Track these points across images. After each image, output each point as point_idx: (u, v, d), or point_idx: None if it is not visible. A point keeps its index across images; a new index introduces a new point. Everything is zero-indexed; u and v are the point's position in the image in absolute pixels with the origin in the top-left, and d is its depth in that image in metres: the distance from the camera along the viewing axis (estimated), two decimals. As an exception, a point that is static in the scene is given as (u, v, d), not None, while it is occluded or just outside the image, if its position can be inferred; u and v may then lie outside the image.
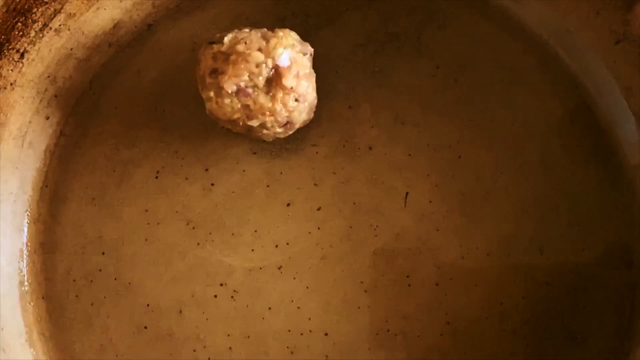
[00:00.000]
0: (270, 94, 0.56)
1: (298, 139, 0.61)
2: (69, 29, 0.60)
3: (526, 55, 0.62)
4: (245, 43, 0.56)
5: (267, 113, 0.56)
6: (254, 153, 0.61)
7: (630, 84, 0.58)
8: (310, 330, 0.60)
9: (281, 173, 0.61)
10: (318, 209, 0.61)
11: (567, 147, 0.60)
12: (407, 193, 0.61)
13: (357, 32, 0.62)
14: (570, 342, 0.59)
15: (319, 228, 0.61)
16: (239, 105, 0.56)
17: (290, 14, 0.62)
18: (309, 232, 0.61)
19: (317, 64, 0.60)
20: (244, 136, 0.60)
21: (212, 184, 0.61)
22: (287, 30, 0.57)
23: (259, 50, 0.56)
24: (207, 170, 0.62)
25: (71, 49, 0.61)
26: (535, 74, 0.61)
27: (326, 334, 0.60)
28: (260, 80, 0.55)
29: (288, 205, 0.61)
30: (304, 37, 0.59)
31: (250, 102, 0.56)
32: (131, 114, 0.62)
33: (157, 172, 0.62)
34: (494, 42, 0.61)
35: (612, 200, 0.60)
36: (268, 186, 0.61)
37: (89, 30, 0.61)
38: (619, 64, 0.58)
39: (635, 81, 0.57)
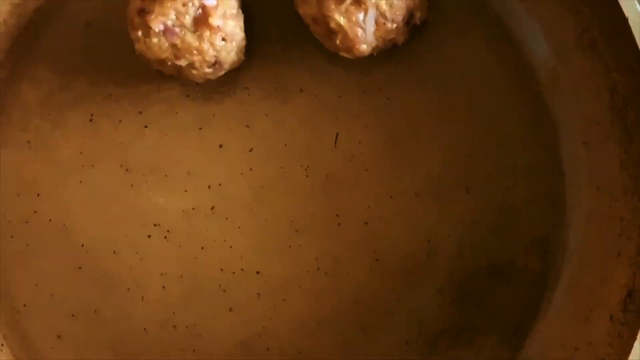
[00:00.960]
0: (197, 33, 0.56)
1: (230, 81, 0.62)
2: (2, -28, 0.60)
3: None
4: (172, -18, 0.57)
5: (195, 52, 0.57)
6: (187, 96, 0.62)
7: (553, 22, 0.59)
8: (242, 269, 0.61)
9: (214, 115, 0.62)
10: (250, 151, 0.62)
11: (494, 88, 0.61)
12: (337, 134, 0.62)
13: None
14: (495, 278, 0.60)
15: (251, 169, 0.62)
16: (167, 45, 0.57)
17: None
18: (241, 173, 0.62)
19: (250, 6, 0.60)
20: (176, 79, 0.60)
21: (146, 127, 0.62)
22: (214, -29, 0.58)
23: (186, -11, 0.56)
24: (140, 112, 0.62)
25: (5, -7, 0.61)
26: (462, 16, 0.62)
27: (258, 273, 0.61)
28: (188, 19, 0.56)
29: (220, 147, 0.62)
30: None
31: (177, 41, 0.56)
32: (65, 58, 0.63)
33: (92, 115, 0.62)
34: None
35: (538, 141, 0.61)
36: (201, 128, 0.62)
37: (22, -27, 0.61)
38: (542, 3, 0.59)
39: (557, 19, 0.58)
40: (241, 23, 0.58)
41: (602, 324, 0.55)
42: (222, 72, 0.60)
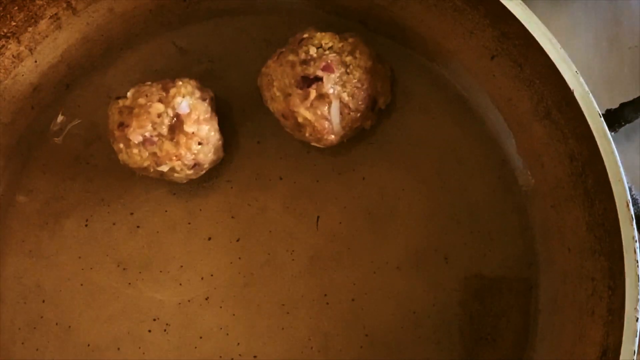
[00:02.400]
0: (174, 140, 0.60)
1: (213, 176, 0.65)
2: (-10, 97, 0.64)
3: (418, 79, 0.66)
4: (147, 96, 0.60)
5: (174, 158, 0.60)
6: (174, 194, 0.66)
7: (509, 94, 0.61)
8: (239, 355, 0.64)
9: (200, 210, 0.65)
10: (237, 240, 0.65)
11: (461, 159, 0.64)
12: (318, 217, 0.65)
13: (258, 66, 0.65)
14: (480, 343, 0.63)
15: (239, 258, 0.65)
16: (147, 154, 0.60)
17: (196, 61, 0.67)
18: (231, 262, 0.65)
19: (223, 106, 0.64)
20: (162, 180, 0.64)
21: (138, 227, 0.66)
22: (186, 80, 0.62)
23: (159, 101, 0.60)
24: (132, 214, 0.66)
25: (-5, 115, 0.65)
26: (426, 95, 0.65)
27: (255, 357, 0.64)
28: (164, 129, 0.60)
29: (209, 239, 0.65)
30: (209, 82, 0.64)
31: (156, 150, 0.60)
32: (58, 169, 0.67)
33: (87, 221, 0.66)
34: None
35: (507, 205, 0.63)
36: (189, 223, 0.65)
37: (10, 95, 0.65)
38: (498, 77, 0.62)
39: (513, 91, 0.61)
40: (215, 125, 0.62)
41: (583, 383, 0.57)
42: (203, 172, 0.63)
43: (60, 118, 0.67)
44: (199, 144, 0.61)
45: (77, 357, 0.65)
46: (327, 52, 0.60)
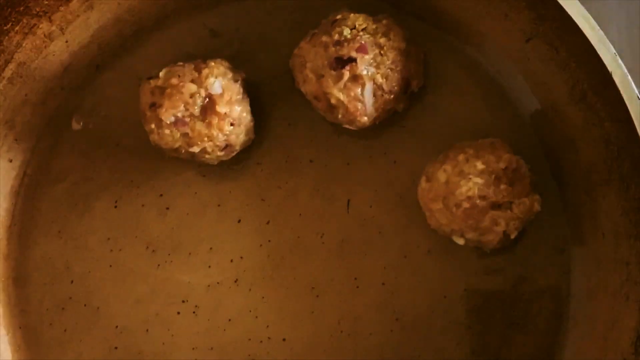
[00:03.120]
0: (206, 121, 0.60)
1: (243, 159, 0.65)
2: (21, 77, 0.64)
3: (451, 62, 0.65)
4: (179, 76, 0.60)
5: (206, 139, 0.60)
6: (204, 176, 0.66)
7: (544, 77, 0.61)
8: (268, 338, 0.64)
9: (230, 192, 0.65)
10: (267, 223, 0.65)
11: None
12: (348, 200, 0.64)
13: (290, 49, 0.65)
14: (512, 328, 0.62)
15: (269, 241, 0.65)
16: (179, 135, 0.60)
17: (227, 43, 0.66)
18: (260, 245, 0.65)
19: (254, 88, 0.64)
20: (193, 162, 0.64)
21: (167, 208, 0.66)
22: (218, 60, 0.61)
23: (192, 81, 0.60)
24: (161, 195, 0.66)
25: (26, 95, 0.65)
26: (459, 78, 0.65)
27: (284, 340, 0.64)
28: (196, 109, 0.60)
29: (239, 221, 0.65)
30: (240, 63, 0.63)
31: (188, 131, 0.60)
32: (87, 150, 0.67)
33: (116, 202, 0.66)
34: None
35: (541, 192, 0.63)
36: (219, 205, 0.65)
37: (40, 75, 0.65)
38: (532, 61, 0.61)
39: (548, 74, 0.60)
40: (247, 106, 0.62)
41: (617, 368, 0.56)
42: (234, 153, 0.63)
43: (90, 99, 0.67)
44: (231, 125, 0.60)
45: (106, 339, 0.65)
46: (360, 33, 0.60)
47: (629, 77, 0.54)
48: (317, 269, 0.64)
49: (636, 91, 0.53)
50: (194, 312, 0.65)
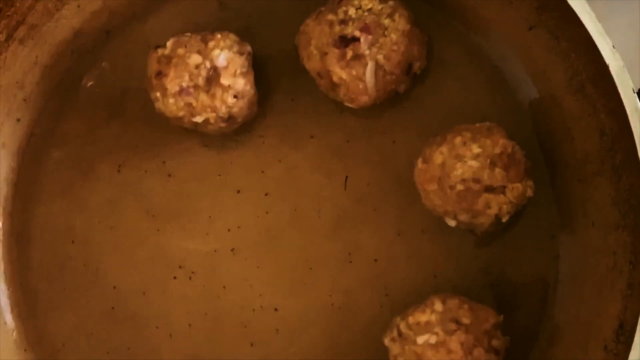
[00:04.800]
0: (210, 92, 0.61)
1: (246, 131, 0.66)
2: (32, 39, 0.65)
3: (454, 46, 0.67)
4: (186, 46, 0.61)
5: (209, 109, 0.61)
6: (206, 146, 0.67)
7: (544, 66, 0.62)
8: (261, 306, 0.66)
9: (231, 163, 0.67)
10: (266, 195, 0.66)
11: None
12: (346, 177, 0.66)
13: (296, 25, 0.65)
14: (499, 310, 0.63)
15: (267, 212, 0.66)
16: (183, 104, 0.61)
17: (235, 17, 0.67)
18: (258, 216, 0.66)
19: (260, 62, 0.65)
20: (195, 131, 0.65)
21: (169, 175, 0.67)
22: (225, 33, 0.63)
23: (198, 52, 0.61)
24: (164, 162, 0.67)
25: (36, 57, 0.66)
26: (461, 63, 0.66)
27: (276, 309, 0.65)
28: (200, 80, 0.61)
29: (238, 192, 0.66)
30: (247, 37, 0.64)
31: (192, 101, 0.61)
32: (94, 114, 0.68)
33: (119, 166, 0.67)
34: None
35: (533, 178, 0.63)
36: (219, 175, 0.67)
37: (52, 38, 0.66)
38: (534, 49, 0.62)
39: (548, 63, 0.61)
40: (252, 80, 0.63)
41: (598, 355, 0.57)
42: (236, 125, 0.64)
43: (98, 64, 0.68)
44: (235, 97, 0.62)
45: (103, 299, 0.67)
46: (365, 13, 0.61)
47: (625, 70, 0.54)
48: (312, 243, 0.66)
49: (631, 84, 0.54)
50: (189, 278, 0.66)
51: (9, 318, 0.67)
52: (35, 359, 0.67)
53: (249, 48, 0.63)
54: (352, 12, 0.61)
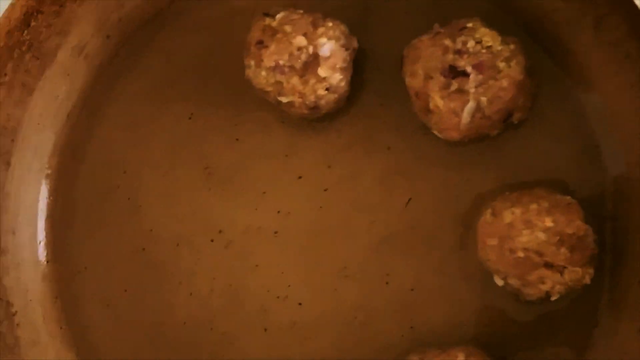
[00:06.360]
0: (304, 77, 0.59)
1: (325, 120, 0.64)
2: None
3: (558, 102, 0.64)
4: (294, 25, 0.59)
5: (297, 94, 0.60)
6: (282, 122, 0.65)
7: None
8: (286, 296, 0.65)
9: (301, 147, 0.65)
10: (325, 190, 0.65)
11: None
12: (409, 199, 0.64)
13: (410, 35, 0.63)
14: None
15: (321, 207, 0.65)
16: (273, 80, 0.59)
17: (350, 5, 0.65)
18: (311, 209, 0.65)
19: (362, 57, 0.63)
20: (276, 107, 0.63)
21: (237, 140, 0.66)
22: (337, 22, 0.60)
23: (304, 35, 0.59)
24: (236, 125, 0.66)
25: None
26: (559, 121, 0.64)
27: (300, 304, 0.65)
28: (299, 63, 0.59)
29: (300, 177, 0.65)
30: (357, 29, 0.62)
31: (283, 80, 0.59)
32: (179, 57, 0.66)
33: (191, 114, 0.66)
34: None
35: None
36: (286, 155, 0.65)
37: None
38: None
39: None
40: (348, 77, 0.61)
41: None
42: (319, 115, 0.62)
43: (199, 8, 0.66)
44: (326, 89, 0.60)
45: (137, 237, 0.66)
46: (484, 50, 0.58)
47: None
48: (355, 252, 0.64)
49: None
50: (226, 246, 0.65)
51: (40, 225, 0.67)
52: (52, 273, 0.67)
53: (355, 44, 0.61)
54: (470, 44, 0.58)
